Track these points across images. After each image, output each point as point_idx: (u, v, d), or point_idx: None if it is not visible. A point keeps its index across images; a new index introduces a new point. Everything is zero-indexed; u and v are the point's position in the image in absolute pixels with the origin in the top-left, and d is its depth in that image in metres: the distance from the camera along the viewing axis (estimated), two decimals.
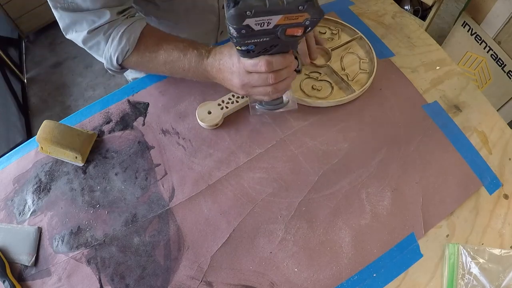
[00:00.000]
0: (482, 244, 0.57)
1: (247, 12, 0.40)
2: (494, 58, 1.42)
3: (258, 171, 0.62)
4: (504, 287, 0.52)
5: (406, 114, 0.69)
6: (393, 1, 0.89)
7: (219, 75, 0.57)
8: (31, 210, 0.59)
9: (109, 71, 0.64)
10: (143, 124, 0.67)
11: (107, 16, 0.56)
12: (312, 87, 0.70)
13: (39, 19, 1.96)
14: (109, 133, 0.66)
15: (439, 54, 0.78)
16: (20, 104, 1.77)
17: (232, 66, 0.54)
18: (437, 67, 0.76)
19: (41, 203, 0.60)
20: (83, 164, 0.63)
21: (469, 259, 0.54)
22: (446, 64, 0.77)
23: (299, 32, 0.45)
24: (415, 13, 1.86)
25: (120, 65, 0.61)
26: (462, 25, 1.51)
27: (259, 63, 0.49)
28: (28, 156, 0.65)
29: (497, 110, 0.84)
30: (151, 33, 0.60)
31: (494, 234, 0.58)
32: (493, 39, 1.39)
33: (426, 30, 1.61)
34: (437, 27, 2.08)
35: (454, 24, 1.58)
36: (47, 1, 0.56)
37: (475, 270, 0.53)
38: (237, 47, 0.47)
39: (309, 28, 0.45)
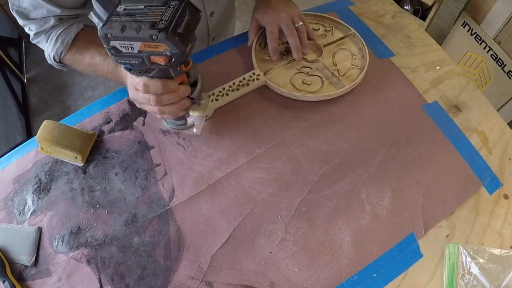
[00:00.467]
0: (482, 244, 0.57)
1: (109, 35, 0.43)
2: (494, 58, 1.42)
3: (258, 171, 0.62)
4: (504, 287, 0.52)
5: (406, 114, 0.69)
6: (393, 1, 0.89)
7: (126, 84, 0.59)
8: (31, 210, 0.59)
9: (55, 65, 0.69)
10: (143, 124, 0.67)
11: (50, 22, 0.62)
12: (303, 81, 0.70)
13: None
14: (109, 133, 0.66)
15: (439, 54, 0.78)
16: (20, 104, 1.77)
17: (126, 79, 0.57)
18: (437, 67, 0.76)
19: (41, 203, 0.60)
20: (83, 164, 0.63)
21: (469, 259, 0.54)
22: (446, 64, 0.77)
23: (161, 61, 0.45)
24: (415, 13, 1.86)
25: (59, 62, 0.67)
26: (462, 25, 1.51)
27: (139, 82, 0.51)
28: (28, 156, 0.65)
29: (497, 110, 0.84)
30: (84, 36, 0.64)
31: (494, 234, 0.58)
32: (493, 39, 1.39)
33: (426, 30, 1.61)
34: (437, 27, 2.08)
35: (454, 24, 1.58)
36: None
37: (475, 270, 0.53)
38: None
39: (173, 59, 0.45)
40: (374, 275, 0.54)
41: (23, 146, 0.66)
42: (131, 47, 0.44)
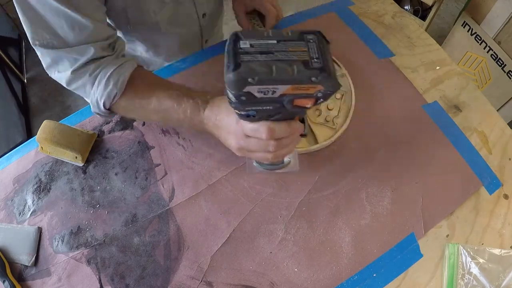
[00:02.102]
0: (482, 244, 0.57)
1: (250, 79, 0.34)
2: (494, 58, 1.42)
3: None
4: (504, 287, 0.52)
5: (406, 114, 0.69)
6: (393, 1, 0.89)
7: (216, 131, 0.52)
8: (31, 210, 0.59)
9: (98, 115, 0.59)
10: (143, 124, 0.67)
11: (90, 52, 0.50)
12: None
13: None
14: (109, 133, 0.66)
15: (439, 54, 0.78)
16: (20, 104, 1.77)
17: (229, 126, 0.48)
18: (437, 67, 0.76)
19: (41, 203, 0.60)
20: (83, 164, 0.63)
21: (469, 259, 0.54)
22: (446, 64, 0.77)
23: (308, 103, 0.39)
24: (415, 13, 1.86)
25: (108, 109, 0.56)
26: (462, 25, 1.51)
27: (260, 128, 0.43)
28: (28, 156, 0.65)
29: (497, 110, 0.84)
30: (142, 76, 0.55)
31: (494, 234, 0.58)
32: (493, 39, 1.39)
33: (426, 30, 1.61)
34: (437, 27, 2.08)
35: (454, 24, 1.58)
36: None
37: (475, 270, 0.53)
38: (236, 112, 0.41)
39: (321, 100, 0.38)
40: (374, 275, 0.54)
41: (23, 146, 0.66)
42: (273, 91, 0.36)
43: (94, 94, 0.53)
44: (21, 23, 0.49)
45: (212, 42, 0.88)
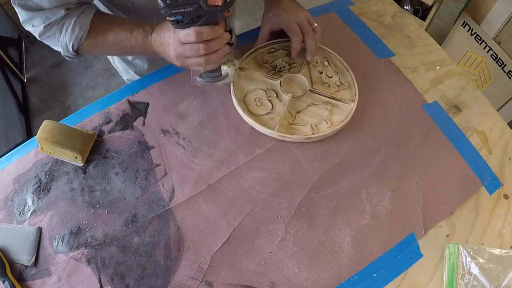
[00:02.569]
0: (482, 244, 0.57)
1: None
2: (494, 58, 1.42)
3: (258, 171, 0.62)
4: (504, 287, 0.52)
5: (406, 114, 0.69)
6: (393, 1, 0.89)
7: (160, 49, 0.60)
8: (31, 210, 0.59)
9: (66, 58, 0.68)
10: (143, 124, 0.67)
11: (61, 13, 0.59)
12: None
13: None
14: (109, 133, 0.66)
15: (439, 54, 0.78)
16: (20, 104, 1.77)
17: (169, 38, 0.58)
18: (437, 67, 0.76)
19: (41, 203, 0.60)
20: (83, 164, 0.63)
21: (469, 259, 0.54)
22: (446, 64, 0.77)
23: (219, 1, 0.49)
24: (415, 13, 1.86)
25: (75, 51, 0.65)
26: (462, 25, 1.51)
27: (189, 33, 0.53)
28: (28, 156, 0.65)
29: (497, 110, 0.84)
30: (100, 18, 0.64)
31: (494, 234, 0.58)
32: (493, 39, 1.39)
33: (426, 30, 1.61)
34: (437, 27, 2.08)
35: (454, 24, 1.58)
36: None
37: (475, 270, 0.53)
38: (167, 18, 0.51)
39: None
40: (374, 275, 0.54)
41: (23, 146, 0.66)
42: None
43: (63, 39, 0.62)
44: (21, 23, 0.55)
45: None
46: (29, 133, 1.71)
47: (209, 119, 0.67)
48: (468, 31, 1.49)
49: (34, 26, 0.61)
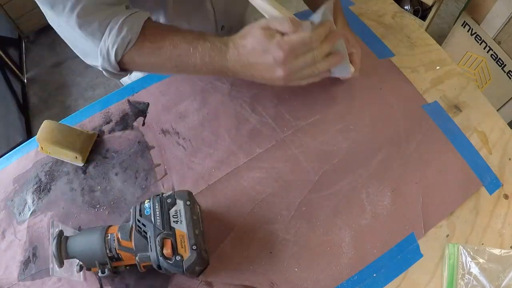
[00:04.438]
0: (482, 244, 0.57)
1: None
2: (494, 58, 1.42)
3: (258, 171, 0.62)
4: (504, 287, 0.52)
5: (406, 114, 0.69)
6: (393, 1, 0.89)
7: (246, 71, 0.49)
8: (31, 210, 0.59)
9: (105, 73, 0.55)
10: (143, 124, 0.67)
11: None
12: None
13: (39, 19, 1.96)
14: (109, 133, 0.66)
15: (439, 54, 0.78)
16: (20, 104, 1.77)
17: (266, 54, 0.46)
18: (437, 67, 0.76)
19: (41, 203, 0.60)
20: (83, 164, 0.63)
21: (469, 259, 0.54)
22: (446, 64, 0.77)
23: None
24: (415, 13, 1.86)
25: (118, 63, 0.52)
26: (462, 25, 1.51)
27: (305, 36, 0.43)
28: (28, 156, 0.65)
29: (497, 110, 0.84)
30: (154, 25, 0.52)
31: (494, 234, 0.58)
32: (493, 39, 1.39)
33: (426, 30, 1.61)
34: (437, 27, 2.08)
35: (454, 24, 1.58)
36: None
37: (475, 270, 0.53)
38: None
39: None
40: (374, 275, 0.54)
41: (23, 146, 0.66)
42: None
43: (105, 42, 0.49)
44: (21, 23, 0.49)
45: (228, 30, 0.76)
46: (29, 133, 1.71)
47: (209, 119, 0.67)
48: (468, 31, 1.49)
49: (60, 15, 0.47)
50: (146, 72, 0.56)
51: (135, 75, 0.91)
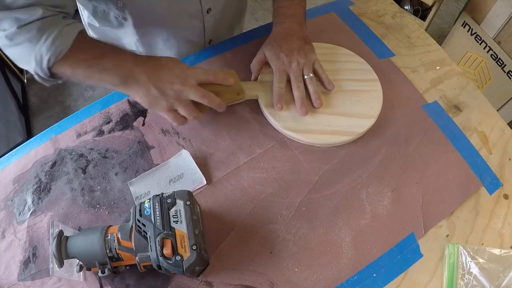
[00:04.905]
0: (482, 244, 0.57)
1: None
2: (494, 58, 1.42)
3: (258, 171, 0.62)
4: (504, 287, 0.52)
5: (406, 114, 0.69)
6: (393, 1, 0.89)
7: (143, 75, 0.56)
8: (31, 210, 0.59)
9: (37, 78, 0.56)
10: (143, 124, 0.67)
11: (38, 13, 0.50)
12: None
13: None
14: (109, 133, 0.66)
15: (439, 54, 0.78)
16: (20, 104, 1.77)
17: (176, 65, 0.58)
18: (437, 67, 0.76)
19: (41, 203, 0.60)
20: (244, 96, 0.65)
21: (469, 259, 0.54)
22: (446, 64, 0.77)
23: None
24: (415, 13, 1.86)
25: (49, 69, 0.54)
26: (462, 25, 1.51)
27: (210, 71, 0.56)
28: (28, 156, 0.65)
29: (497, 110, 0.84)
30: (85, 38, 0.56)
31: (494, 234, 0.58)
32: (493, 39, 1.39)
33: (426, 30, 1.61)
34: (437, 27, 2.08)
35: (454, 24, 1.58)
36: None
37: (475, 270, 0.53)
38: None
39: None
40: (374, 275, 0.54)
41: (23, 146, 0.66)
42: None
43: (40, 48, 0.51)
44: None
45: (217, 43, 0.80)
46: (29, 133, 1.71)
47: (209, 119, 0.67)
48: (468, 31, 1.49)
49: (5, 29, 0.50)
50: (73, 78, 0.59)
51: None
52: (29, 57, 0.52)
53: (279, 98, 0.64)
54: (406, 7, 1.88)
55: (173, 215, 0.47)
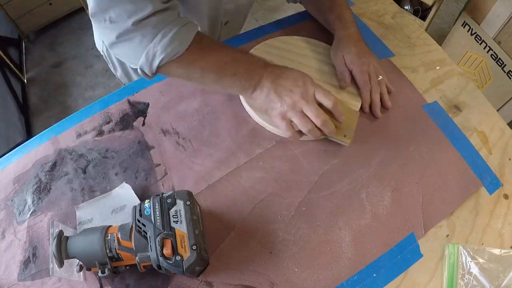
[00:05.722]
0: (482, 244, 0.57)
1: None
2: (494, 58, 1.42)
3: (258, 171, 0.62)
4: (504, 287, 0.52)
5: (406, 114, 0.69)
6: (393, 1, 0.89)
7: (268, 83, 0.57)
8: (31, 210, 0.59)
9: (139, 72, 0.55)
10: (143, 124, 0.67)
11: (149, 6, 0.48)
12: None
13: (39, 19, 1.96)
14: (109, 133, 0.66)
15: (439, 54, 0.78)
16: (20, 104, 1.77)
17: (301, 77, 0.58)
18: (437, 67, 0.76)
19: (41, 203, 0.60)
20: (349, 142, 0.62)
21: (469, 259, 0.54)
22: (446, 64, 0.77)
23: None
24: (415, 13, 1.86)
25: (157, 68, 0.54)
26: (462, 25, 1.51)
27: (330, 95, 0.56)
28: (28, 156, 0.65)
29: (497, 110, 0.84)
30: (202, 39, 0.55)
31: (494, 234, 0.58)
32: (493, 39, 1.39)
33: (426, 30, 1.61)
34: (437, 27, 2.08)
35: (454, 24, 1.58)
36: (47, 1, 0.53)
37: (475, 270, 0.53)
38: None
39: None
40: (374, 275, 0.54)
41: (23, 146, 0.66)
42: None
43: (154, 47, 0.50)
44: (21, 23, 0.49)
45: (231, 27, 0.83)
46: (29, 133, 1.71)
47: (209, 119, 0.67)
48: (468, 31, 1.49)
49: (113, 22, 0.48)
50: (177, 78, 0.60)
51: (126, 81, 0.91)
52: (139, 53, 0.51)
53: (368, 101, 0.67)
54: (406, 7, 1.88)
55: (173, 215, 0.47)
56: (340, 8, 0.71)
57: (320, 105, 0.57)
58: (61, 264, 0.47)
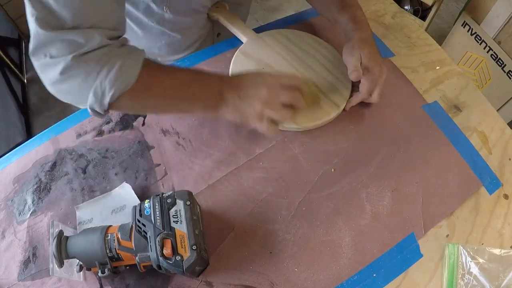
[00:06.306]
0: (482, 244, 0.57)
1: None
2: (494, 58, 1.42)
3: (258, 171, 0.62)
4: (504, 287, 0.52)
5: (406, 114, 0.69)
6: (393, 1, 0.89)
7: (233, 91, 0.54)
8: (31, 210, 0.59)
9: (90, 112, 0.50)
10: (143, 124, 0.67)
11: (96, 40, 0.44)
12: None
13: None
14: (109, 133, 0.66)
15: (439, 54, 0.78)
16: (20, 104, 1.77)
17: (261, 79, 0.56)
18: (437, 67, 0.76)
19: (41, 203, 0.60)
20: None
21: (469, 259, 0.54)
22: (446, 64, 0.77)
23: None
24: (415, 13, 1.86)
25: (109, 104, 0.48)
26: (462, 25, 1.51)
27: (295, 77, 0.59)
28: (28, 156, 0.65)
29: (497, 110, 0.84)
30: (150, 65, 0.51)
31: (494, 234, 0.58)
32: (493, 39, 1.39)
33: (426, 30, 1.61)
34: (437, 27, 2.08)
35: (454, 24, 1.58)
36: None
37: (475, 270, 0.53)
38: None
39: None
40: (374, 275, 0.54)
41: (23, 146, 0.66)
42: None
43: (102, 83, 0.45)
44: (21, 23, 0.48)
45: (224, 38, 0.82)
46: (29, 133, 1.71)
47: (209, 119, 0.67)
48: (468, 31, 1.49)
49: (53, 58, 0.43)
50: (135, 111, 0.57)
51: None
52: (85, 92, 0.46)
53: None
54: (406, 7, 1.88)
55: (173, 215, 0.47)
56: (354, 8, 0.69)
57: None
58: (61, 264, 0.47)
